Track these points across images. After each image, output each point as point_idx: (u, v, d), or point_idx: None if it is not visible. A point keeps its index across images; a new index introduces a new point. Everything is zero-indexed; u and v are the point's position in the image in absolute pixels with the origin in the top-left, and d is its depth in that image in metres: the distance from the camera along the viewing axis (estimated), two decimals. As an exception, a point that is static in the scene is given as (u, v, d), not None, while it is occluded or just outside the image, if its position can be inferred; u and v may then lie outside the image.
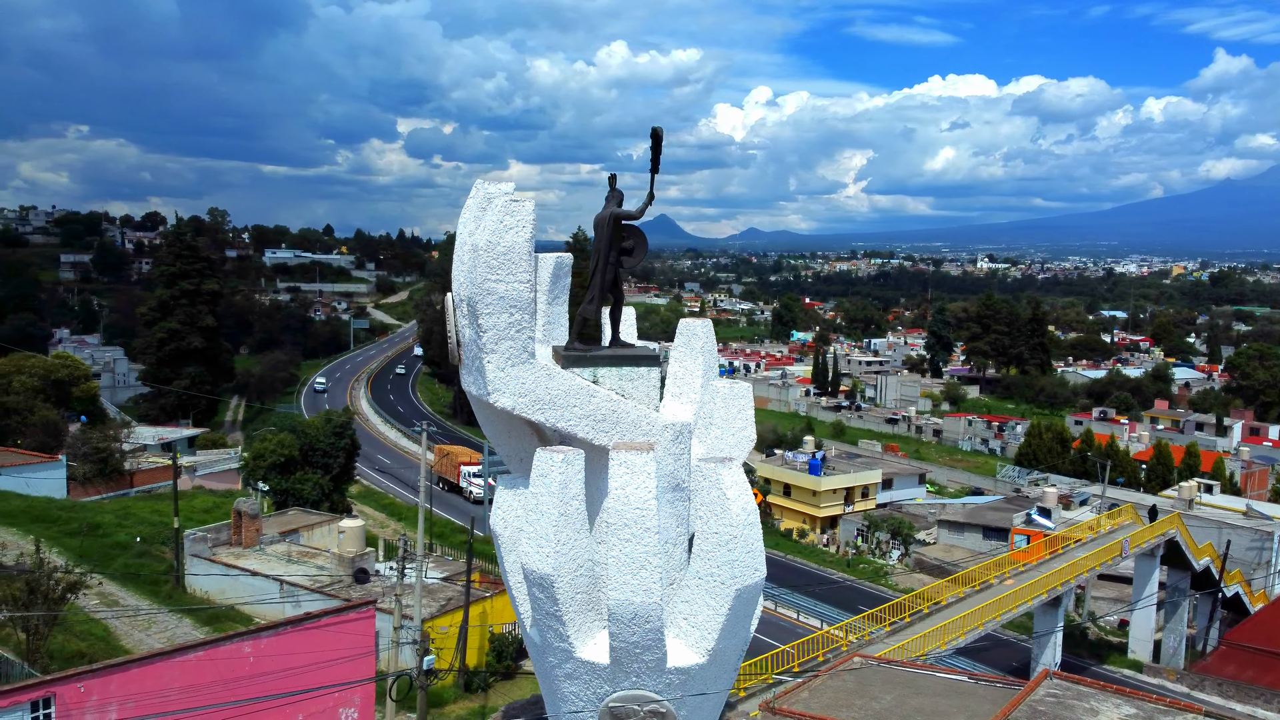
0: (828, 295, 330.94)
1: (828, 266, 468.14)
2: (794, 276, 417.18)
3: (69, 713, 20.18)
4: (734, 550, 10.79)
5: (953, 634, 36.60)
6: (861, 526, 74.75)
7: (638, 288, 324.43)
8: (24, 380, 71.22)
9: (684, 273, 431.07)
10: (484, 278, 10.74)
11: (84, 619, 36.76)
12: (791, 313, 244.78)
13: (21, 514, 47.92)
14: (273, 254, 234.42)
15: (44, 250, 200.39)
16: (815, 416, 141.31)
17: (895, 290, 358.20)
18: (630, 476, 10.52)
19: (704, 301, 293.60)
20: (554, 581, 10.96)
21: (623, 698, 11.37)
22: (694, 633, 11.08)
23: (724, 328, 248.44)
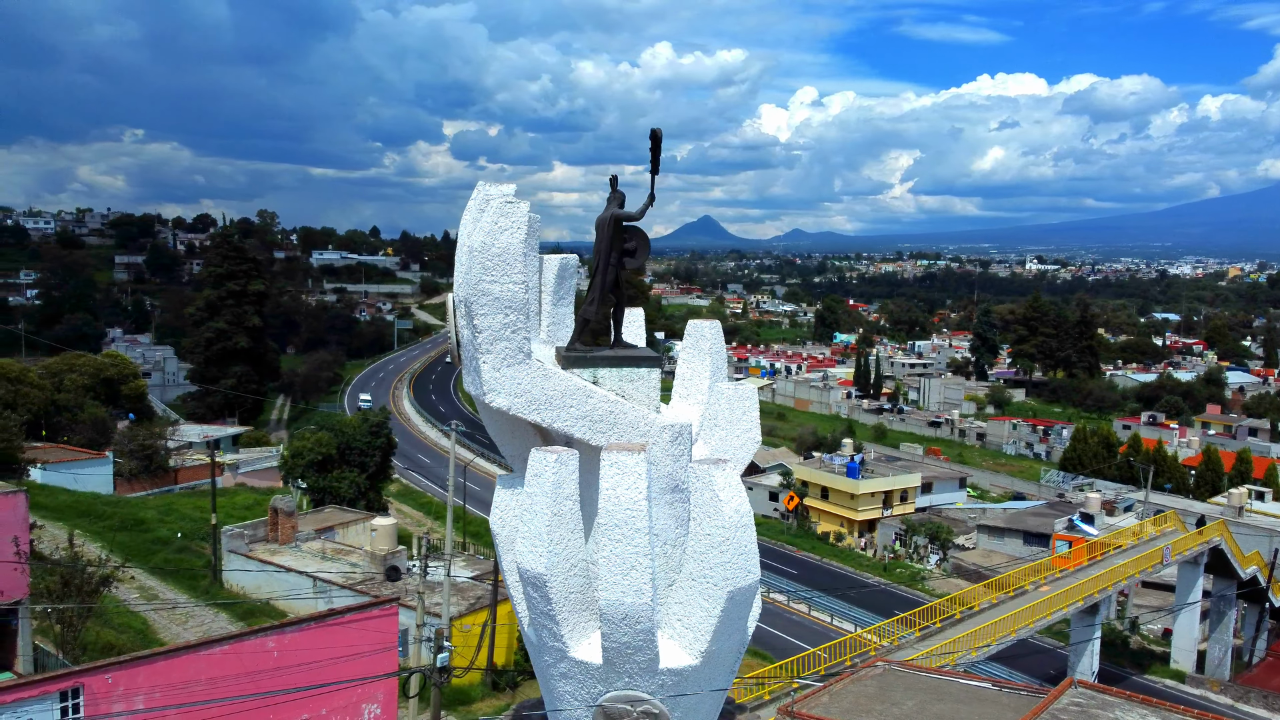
0: (872, 297, 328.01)
1: (873, 268, 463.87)
2: (838, 278, 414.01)
3: (97, 703, 20.65)
4: (726, 552, 10.76)
5: (984, 640, 36.13)
6: (899, 530, 73.99)
7: (680, 289, 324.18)
8: (75, 379, 73.06)
9: (727, 274, 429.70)
10: (479, 279, 10.83)
11: (123, 611, 37.68)
12: (834, 314, 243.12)
13: (68, 509, 49.16)
14: (320, 255, 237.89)
15: (99, 251, 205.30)
16: (856, 419, 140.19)
17: (941, 292, 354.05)
18: (621, 477, 10.52)
19: (746, 303, 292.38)
20: (547, 581, 11.02)
21: (616, 698, 11.39)
22: (687, 634, 11.07)
23: (766, 329, 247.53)
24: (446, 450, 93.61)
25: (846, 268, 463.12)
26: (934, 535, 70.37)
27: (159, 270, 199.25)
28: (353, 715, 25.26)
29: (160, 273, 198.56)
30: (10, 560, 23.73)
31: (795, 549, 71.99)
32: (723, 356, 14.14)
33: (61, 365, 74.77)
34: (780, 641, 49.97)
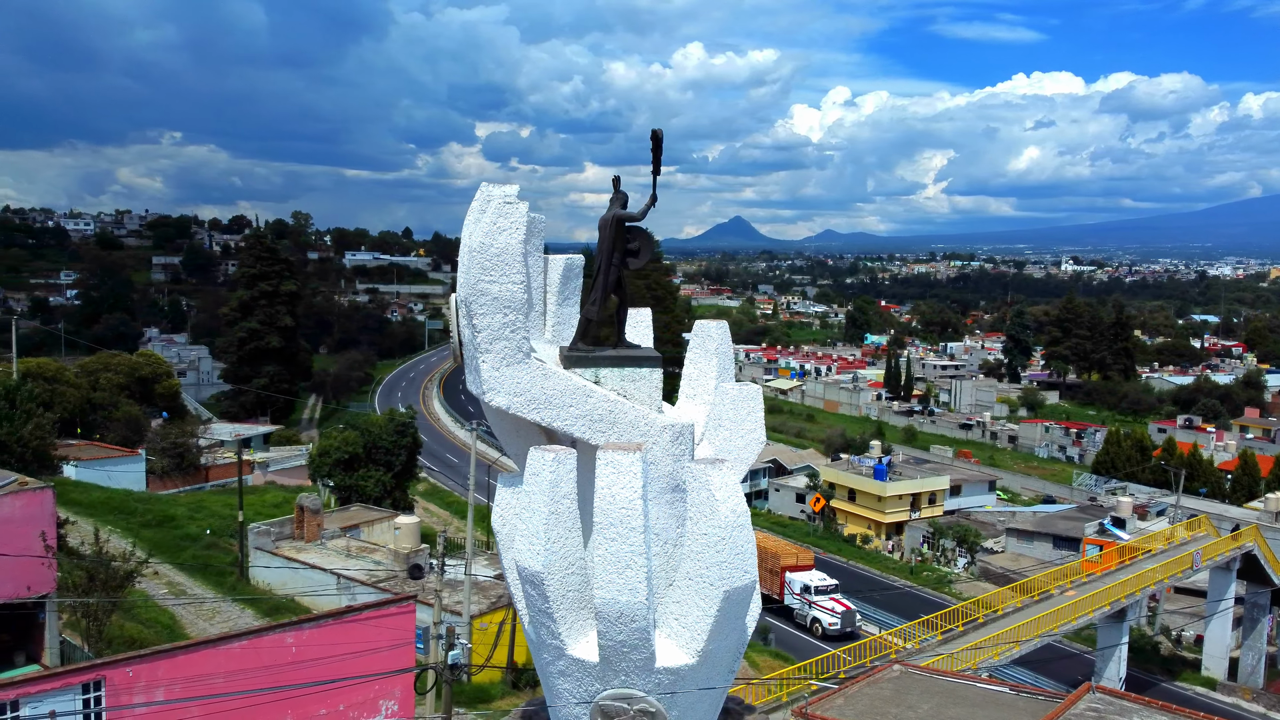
0: (905, 298, 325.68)
1: (905, 269, 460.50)
2: (870, 279, 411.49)
3: (118, 695, 21.04)
4: (722, 552, 10.76)
5: (1006, 644, 35.82)
6: (927, 533, 73.47)
7: (710, 290, 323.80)
8: (110, 377, 74.34)
9: (758, 275, 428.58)
10: (477, 279, 10.93)
11: (151, 606, 38.30)
12: (866, 315, 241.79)
13: (101, 505, 49.96)
14: (352, 256, 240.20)
15: (137, 252, 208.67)
16: (886, 421, 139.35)
17: (975, 293, 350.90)
18: (617, 476, 10.55)
19: (776, 304, 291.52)
20: (544, 579, 11.08)
21: (612, 696, 11.44)
22: (684, 633, 11.09)
23: (797, 330, 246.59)
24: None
25: (879, 269, 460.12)
26: (961, 538, 69.81)
27: (195, 271, 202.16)
28: (370, 711, 25.52)
29: (196, 273, 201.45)
30: (37, 555, 24.19)
31: (821, 551, 71.63)
32: (729, 356, 14.14)
33: (97, 364, 76.12)
34: (802, 643, 49.82)
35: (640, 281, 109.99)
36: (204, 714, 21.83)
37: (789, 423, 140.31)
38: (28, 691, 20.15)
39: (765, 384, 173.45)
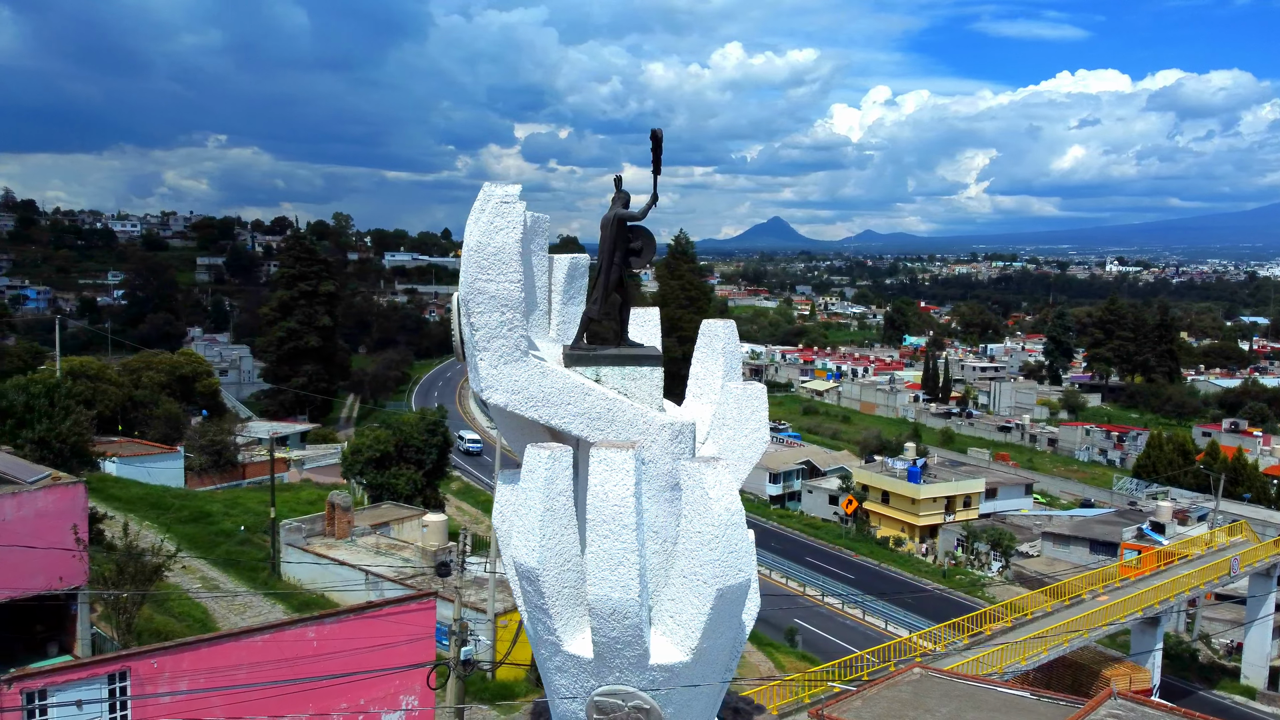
0: (945, 299, 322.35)
1: (946, 269, 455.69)
2: (910, 280, 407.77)
3: (143, 685, 21.51)
4: (716, 550, 10.79)
5: (1034, 649, 35.38)
6: (961, 536, 72.70)
7: (747, 290, 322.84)
8: (152, 376, 75.81)
9: (796, 276, 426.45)
10: (475, 277, 11.05)
11: (185, 600, 39.04)
12: (905, 316, 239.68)
13: (140, 501, 51.04)
14: (392, 257, 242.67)
15: (182, 253, 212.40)
16: (923, 423, 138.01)
17: (1017, 294, 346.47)
18: (609, 473, 10.63)
19: (814, 305, 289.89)
20: (540, 576, 11.20)
21: (607, 692, 11.52)
22: (679, 631, 11.14)
23: (834, 331, 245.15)
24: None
25: (919, 269, 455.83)
26: (996, 542, 68.98)
27: (238, 271, 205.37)
28: (391, 706, 25.84)
29: (239, 274, 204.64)
30: (66, 549, 24.79)
31: (853, 553, 71.24)
32: (736, 356, 14.15)
33: (139, 363, 77.64)
34: (831, 645, 49.55)
35: (675, 283, 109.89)
36: (226, 705, 22.27)
37: (824, 424, 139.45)
38: (55, 681, 20.68)
39: (801, 385, 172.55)
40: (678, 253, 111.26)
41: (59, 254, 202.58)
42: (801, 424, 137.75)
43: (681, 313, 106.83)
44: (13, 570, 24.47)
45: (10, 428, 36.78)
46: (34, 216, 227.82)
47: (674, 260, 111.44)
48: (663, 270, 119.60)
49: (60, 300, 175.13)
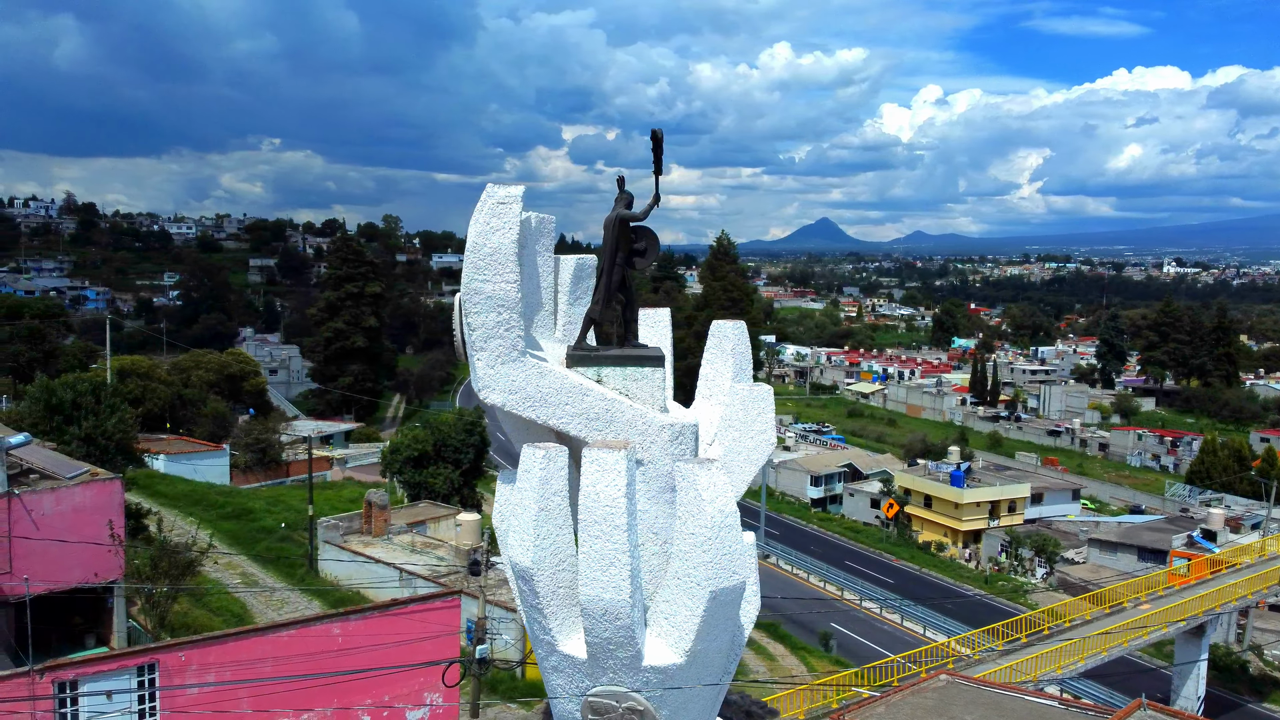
0: (996, 301, 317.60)
1: (998, 271, 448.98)
2: (960, 281, 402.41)
3: (171, 677, 21.96)
4: (709, 552, 10.76)
5: (1070, 658, 34.70)
6: (1004, 542, 71.59)
7: (793, 292, 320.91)
8: (201, 375, 77.38)
9: (844, 277, 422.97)
10: (470, 278, 11.11)
11: (224, 595, 39.76)
12: (954, 318, 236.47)
13: (184, 497, 52.13)
14: (440, 258, 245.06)
15: (235, 255, 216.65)
16: (971, 426, 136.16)
17: (1070, 296, 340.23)
18: (601, 474, 10.63)
19: (861, 306, 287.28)
20: (534, 575, 11.24)
21: (601, 693, 11.52)
22: (673, 633, 11.11)
23: (881, 333, 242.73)
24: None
25: (970, 271, 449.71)
26: (1040, 548, 67.81)
27: (289, 273, 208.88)
28: (415, 703, 26.08)
29: (290, 275, 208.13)
30: (99, 542, 25.37)
31: (894, 558, 70.49)
32: (746, 357, 14.07)
33: (189, 362, 79.28)
34: (867, 650, 49.04)
35: (716, 284, 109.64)
36: (253, 698, 22.65)
37: (869, 427, 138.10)
38: (85, 672, 21.19)
39: (847, 387, 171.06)
40: (720, 254, 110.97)
41: (117, 256, 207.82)
42: (846, 426, 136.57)
43: (723, 314, 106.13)
44: (51, 563, 25.11)
45: (58, 424, 37.78)
46: (94, 219, 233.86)
47: (716, 261, 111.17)
48: (705, 272, 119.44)
49: (118, 301, 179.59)
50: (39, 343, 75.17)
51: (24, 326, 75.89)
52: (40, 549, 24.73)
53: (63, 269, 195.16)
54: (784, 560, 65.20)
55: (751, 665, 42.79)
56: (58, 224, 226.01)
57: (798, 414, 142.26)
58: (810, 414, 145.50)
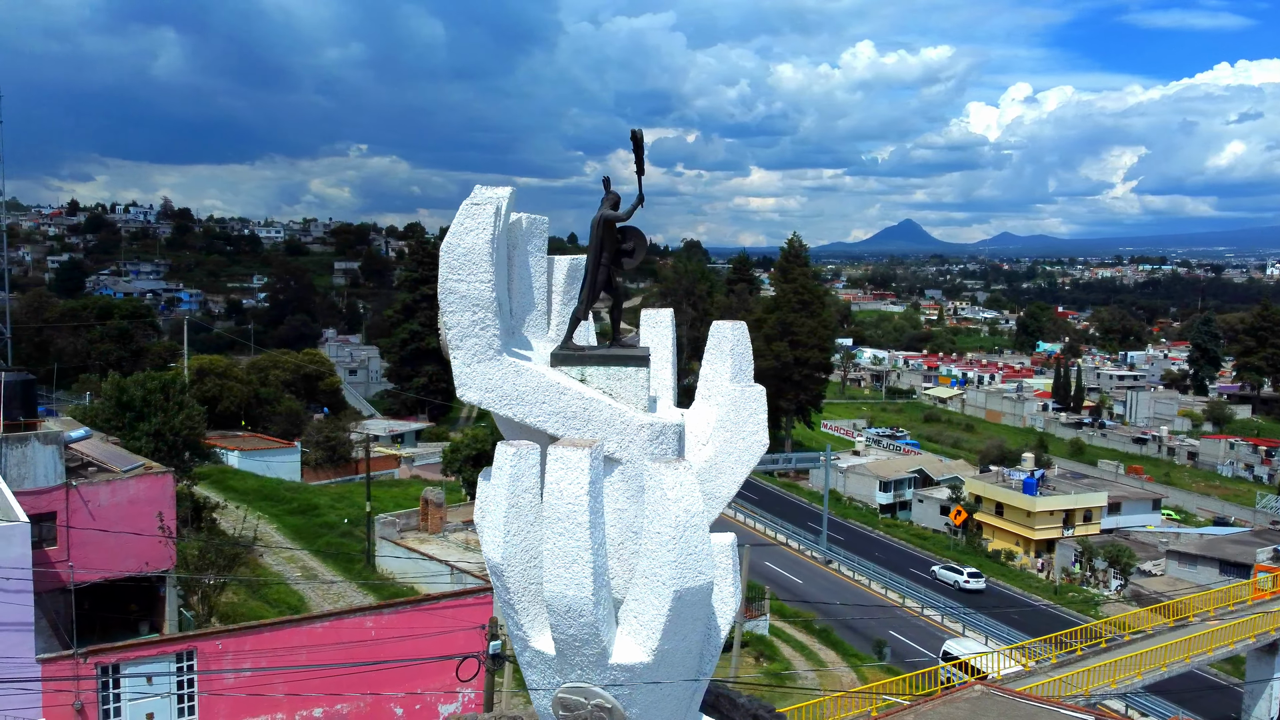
0: (1085, 304, 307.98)
1: (1088, 273, 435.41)
2: (1048, 284, 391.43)
3: (208, 663, 22.82)
4: (673, 551, 10.81)
5: (1127, 672, 33.51)
6: (1077, 552, 69.42)
7: (873, 294, 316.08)
8: (278, 374, 79.83)
9: (927, 279, 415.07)
10: (445, 277, 11.34)
11: (284, 588, 41.03)
12: (1038, 322, 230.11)
13: (254, 492, 53.94)
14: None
15: (320, 258, 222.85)
16: (1052, 433, 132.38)
17: (1165, 299, 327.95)
18: (565, 472, 10.76)
19: (943, 309, 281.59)
20: (504, 571, 11.42)
21: (570, 689, 11.65)
22: (641, 631, 11.18)
23: (963, 337, 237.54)
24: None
25: (1059, 273, 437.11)
26: (1114, 559, 65.56)
27: (372, 275, 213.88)
28: (448, 699, 26.57)
29: (373, 277, 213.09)
30: (154, 534, 26.49)
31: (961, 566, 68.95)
32: (746, 358, 14.04)
33: (267, 362, 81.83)
34: (924, 659, 48.14)
35: (787, 286, 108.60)
36: (288, 685, 23.38)
37: (945, 432, 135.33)
38: (127, 656, 22.18)
39: (924, 392, 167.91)
40: (791, 256, 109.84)
41: (210, 259, 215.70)
42: (921, 432, 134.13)
43: (794, 317, 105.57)
44: (107, 553, 26.33)
45: (129, 421, 39.47)
46: (189, 224, 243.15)
47: (787, 264, 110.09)
48: (776, 274, 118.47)
49: (210, 302, 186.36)
50: (127, 342, 78.45)
51: (113, 327, 79.37)
52: (96, 538, 25.94)
53: (159, 272, 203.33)
54: (845, 566, 64.34)
55: (802, 671, 42.42)
56: (155, 229, 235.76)
57: (871, 418, 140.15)
58: (885, 419, 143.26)
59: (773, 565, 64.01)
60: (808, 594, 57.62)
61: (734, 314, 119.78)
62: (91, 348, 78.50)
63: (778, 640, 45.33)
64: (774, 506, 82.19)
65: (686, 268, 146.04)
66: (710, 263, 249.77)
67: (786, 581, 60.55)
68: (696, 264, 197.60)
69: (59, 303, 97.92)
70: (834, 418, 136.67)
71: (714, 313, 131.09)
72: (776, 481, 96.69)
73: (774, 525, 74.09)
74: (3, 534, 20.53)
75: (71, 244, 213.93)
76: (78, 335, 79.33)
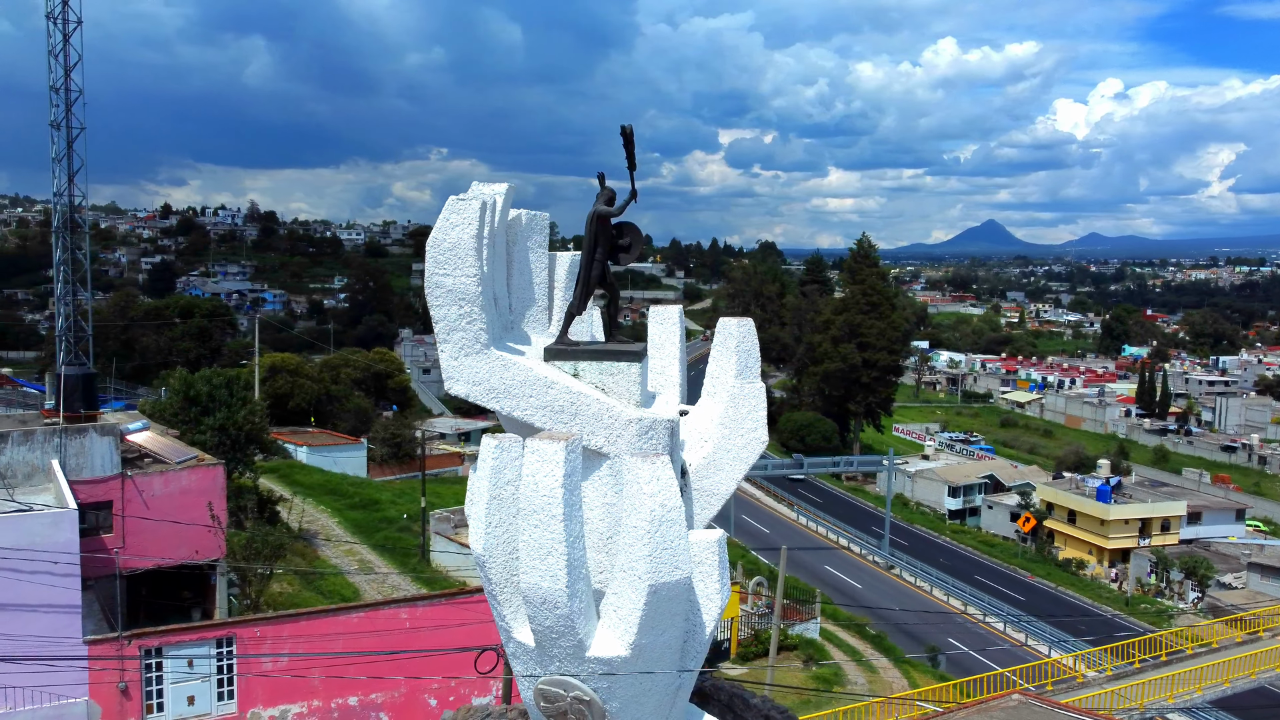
0: (1177, 307, 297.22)
1: (1181, 275, 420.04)
2: (1138, 286, 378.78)
3: (247, 649, 23.55)
4: (648, 545, 10.86)
5: (1187, 686, 32.30)
6: (1151, 562, 67.11)
7: (951, 296, 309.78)
8: (349, 372, 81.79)
9: (1010, 281, 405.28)
10: (431, 272, 11.57)
11: (340, 580, 42.07)
12: (1125, 325, 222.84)
13: (319, 487, 55.31)
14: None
15: (399, 260, 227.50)
16: (1135, 439, 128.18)
17: (1263, 302, 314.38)
18: (540, 464, 10.89)
19: (1024, 311, 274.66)
20: (485, 563, 11.61)
21: (550, 681, 11.78)
22: (619, 625, 11.26)
23: (1044, 340, 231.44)
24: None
25: (1149, 275, 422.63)
26: (1191, 570, 63.19)
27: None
28: (482, 691, 26.92)
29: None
30: (205, 524, 27.43)
31: (1029, 574, 67.28)
32: (752, 355, 14.04)
33: (339, 360, 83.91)
34: (981, 667, 47.12)
35: (856, 287, 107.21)
36: (324, 670, 24.01)
37: (1022, 438, 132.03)
38: (169, 640, 23.02)
39: (1001, 396, 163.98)
40: (860, 256, 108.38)
41: (293, 261, 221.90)
42: (997, 436, 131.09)
43: (862, 318, 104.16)
44: (160, 541, 27.35)
45: (195, 415, 40.92)
46: (274, 226, 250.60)
47: (856, 264, 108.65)
48: (845, 275, 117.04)
49: (293, 303, 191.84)
50: (206, 340, 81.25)
51: (193, 325, 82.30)
52: (150, 527, 26.98)
53: (245, 273, 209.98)
54: (907, 572, 63.27)
55: (851, 676, 41.89)
56: (242, 231, 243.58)
57: (945, 422, 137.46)
58: (960, 423, 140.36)
59: (832, 569, 63.33)
60: (866, 599, 56.88)
61: (802, 315, 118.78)
62: (173, 345, 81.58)
63: (829, 644, 44.84)
64: (837, 510, 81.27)
65: (756, 269, 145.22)
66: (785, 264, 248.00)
67: (845, 586, 59.84)
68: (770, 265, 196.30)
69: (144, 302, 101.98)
70: (906, 421, 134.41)
71: (785, 314, 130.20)
72: (842, 485, 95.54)
73: (836, 529, 73.27)
74: (53, 520, 21.52)
75: (164, 246, 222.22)
76: (160, 333, 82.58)
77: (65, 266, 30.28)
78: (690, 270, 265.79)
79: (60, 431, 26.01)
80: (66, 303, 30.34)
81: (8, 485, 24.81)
